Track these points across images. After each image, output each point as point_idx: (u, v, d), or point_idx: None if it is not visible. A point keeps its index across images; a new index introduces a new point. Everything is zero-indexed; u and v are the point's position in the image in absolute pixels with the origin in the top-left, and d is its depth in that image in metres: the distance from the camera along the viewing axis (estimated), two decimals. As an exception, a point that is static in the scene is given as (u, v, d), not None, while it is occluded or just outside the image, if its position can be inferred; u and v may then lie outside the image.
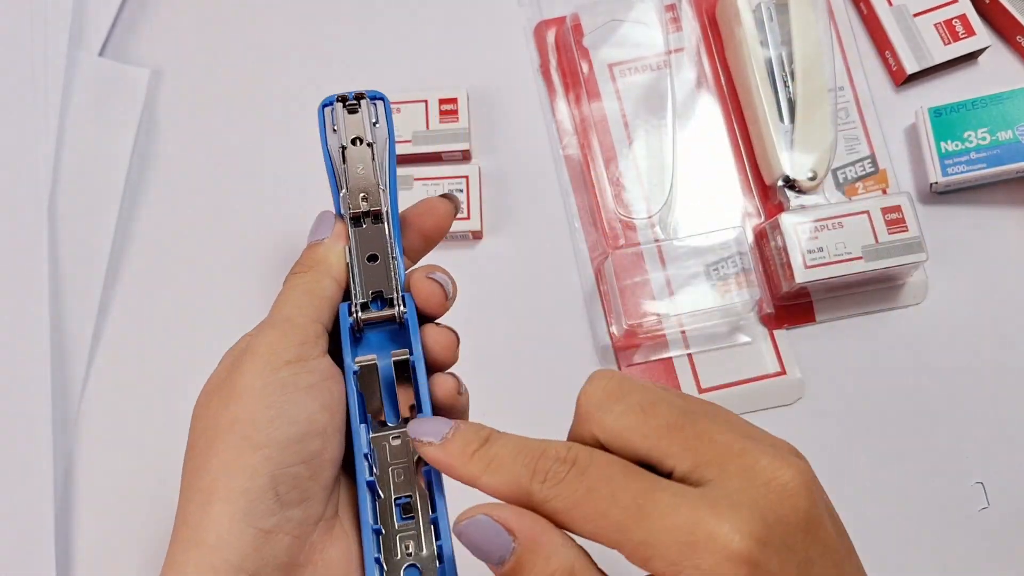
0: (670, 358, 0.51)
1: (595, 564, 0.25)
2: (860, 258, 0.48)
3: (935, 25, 0.53)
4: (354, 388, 0.32)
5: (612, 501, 0.24)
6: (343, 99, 0.35)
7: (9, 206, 0.53)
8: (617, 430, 0.25)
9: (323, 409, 0.30)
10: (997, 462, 0.49)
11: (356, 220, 0.34)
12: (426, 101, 0.54)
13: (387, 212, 0.34)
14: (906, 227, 0.48)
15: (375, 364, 0.33)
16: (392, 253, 0.34)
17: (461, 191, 0.52)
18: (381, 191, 0.34)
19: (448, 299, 0.34)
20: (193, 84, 0.58)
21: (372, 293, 0.34)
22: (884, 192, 0.52)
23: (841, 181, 0.53)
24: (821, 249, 0.48)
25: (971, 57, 0.54)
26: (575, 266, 0.53)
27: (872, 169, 0.53)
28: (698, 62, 0.55)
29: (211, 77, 0.58)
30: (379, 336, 0.34)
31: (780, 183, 0.51)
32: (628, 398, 0.25)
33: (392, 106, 0.53)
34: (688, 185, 0.53)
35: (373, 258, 0.34)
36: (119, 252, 0.54)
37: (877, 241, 0.48)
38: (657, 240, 0.51)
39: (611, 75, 0.55)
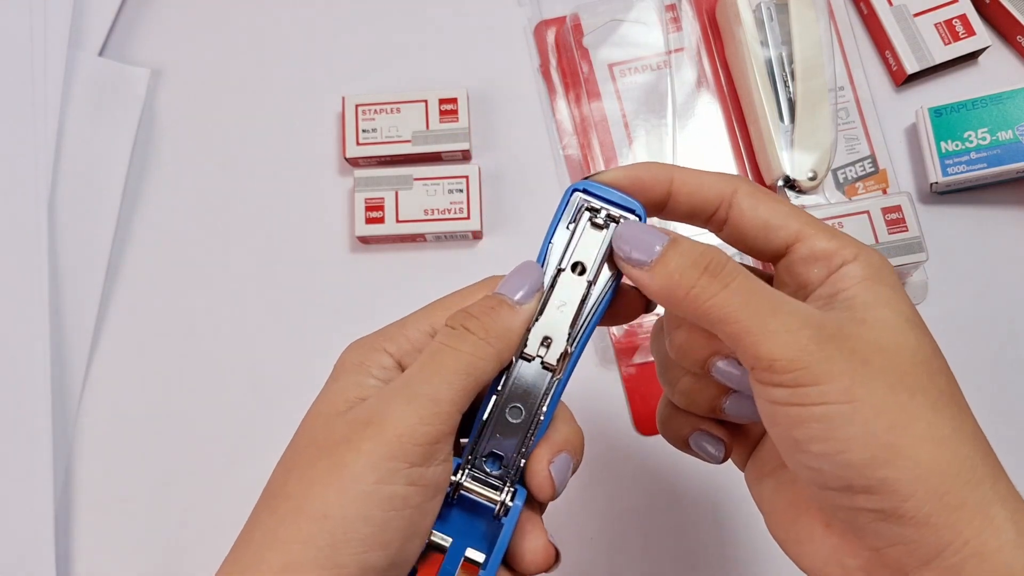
0: (670, 358, 0.51)
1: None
2: (860, 258, 0.48)
3: (935, 25, 0.53)
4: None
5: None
6: (593, 208, 0.29)
7: (9, 206, 0.53)
8: None
9: (415, 537, 0.26)
10: (997, 462, 0.49)
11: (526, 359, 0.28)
12: (426, 101, 0.54)
13: (561, 369, 0.28)
14: (906, 227, 0.48)
15: (446, 549, 0.27)
16: (539, 415, 0.28)
17: (461, 191, 0.52)
18: (569, 344, 0.28)
19: (558, 492, 0.29)
20: (193, 84, 0.58)
21: (486, 454, 0.28)
22: (884, 192, 0.52)
23: (841, 181, 0.53)
24: (821, 249, 0.48)
25: (971, 57, 0.54)
26: (575, 266, 0.53)
27: (872, 169, 0.53)
28: (698, 62, 0.55)
29: (211, 77, 0.58)
30: (464, 504, 0.28)
31: (780, 183, 0.51)
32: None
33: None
34: (688, 185, 0.53)
35: (516, 412, 0.28)
36: (119, 252, 0.54)
37: (877, 241, 0.48)
38: (657, 240, 0.51)
39: (611, 75, 0.55)
